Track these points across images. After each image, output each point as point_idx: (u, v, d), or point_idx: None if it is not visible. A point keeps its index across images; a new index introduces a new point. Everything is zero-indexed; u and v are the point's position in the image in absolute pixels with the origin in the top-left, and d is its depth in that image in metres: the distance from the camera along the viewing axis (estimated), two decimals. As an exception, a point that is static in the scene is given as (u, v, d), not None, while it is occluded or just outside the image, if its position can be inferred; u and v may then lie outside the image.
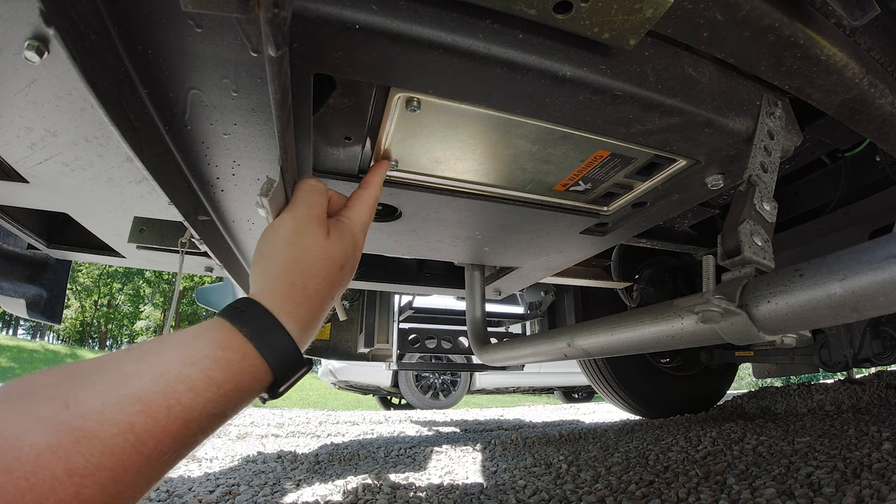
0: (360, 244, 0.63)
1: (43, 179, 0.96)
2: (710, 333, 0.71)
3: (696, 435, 2.08)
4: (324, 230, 0.57)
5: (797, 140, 0.83)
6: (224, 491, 1.65)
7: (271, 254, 0.54)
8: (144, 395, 0.38)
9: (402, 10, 0.53)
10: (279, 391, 0.49)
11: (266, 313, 0.49)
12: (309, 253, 0.54)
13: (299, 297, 0.52)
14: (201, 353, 0.43)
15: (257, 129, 0.72)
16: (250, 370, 0.45)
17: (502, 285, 1.73)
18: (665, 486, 1.42)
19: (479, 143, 0.79)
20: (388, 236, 1.18)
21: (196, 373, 0.41)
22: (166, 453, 0.39)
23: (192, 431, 0.41)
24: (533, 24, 0.57)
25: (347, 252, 0.59)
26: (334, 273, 0.56)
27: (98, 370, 0.40)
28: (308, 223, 0.56)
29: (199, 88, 0.63)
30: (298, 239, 0.54)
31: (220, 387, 0.42)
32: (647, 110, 0.68)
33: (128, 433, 0.37)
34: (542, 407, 6.46)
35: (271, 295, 0.50)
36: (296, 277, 0.52)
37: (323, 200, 0.60)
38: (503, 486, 1.62)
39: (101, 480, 0.35)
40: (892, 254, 0.52)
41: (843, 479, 1.28)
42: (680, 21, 0.61)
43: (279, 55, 0.46)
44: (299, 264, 0.53)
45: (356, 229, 0.62)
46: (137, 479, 0.37)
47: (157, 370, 0.40)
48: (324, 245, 0.55)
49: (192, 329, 0.46)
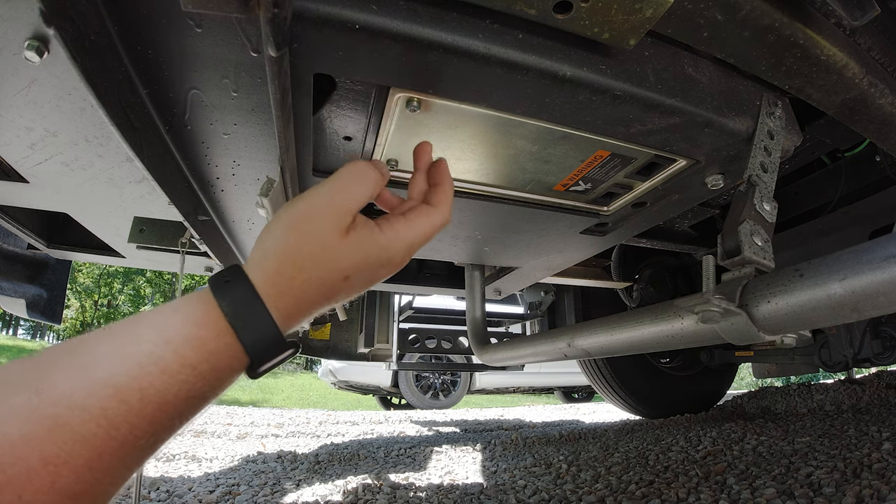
0: (393, 264, 0.52)
1: (43, 179, 0.96)
2: (711, 333, 0.71)
3: (696, 435, 2.08)
4: (342, 226, 0.47)
5: (797, 140, 0.83)
6: (224, 491, 1.65)
7: (273, 228, 0.47)
8: (115, 379, 0.36)
9: (401, 11, 0.53)
10: (257, 372, 0.44)
11: (250, 288, 0.43)
12: (307, 244, 0.46)
13: (284, 287, 0.45)
14: (175, 330, 0.40)
15: (257, 129, 0.72)
16: (225, 350, 0.41)
17: (502, 285, 1.73)
18: (665, 486, 1.42)
19: (479, 143, 0.79)
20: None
21: (169, 353, 0.38)
22: (142, 438, 0.37)
23: (168, 416, 0.38)
24: (533, 24, 0.57)
25: (361, 266, 0.48)
26: (334, 281, 0.47)
27: (70, 352, 0.38)
28: (324, 211, 0.47)
29: (199, 88, 0.63)
30: (303, 224, 0.46)
31: (195, 368, 0.39)
32: (647, 110, 0.68)
33: (100, 419, 0.35)
34: (543, 407, 6.46)
35: (260, 271, 0.45)
36: (285, 265, 0.45)
37: (363, 192, 0.50)
38: (503, 486, 1.62)
39: (77, 468, 0.34)
40: (893, 254, 0.52)
41: (843, 479, 1.28)
42: (680, 21, 0.61)
43: (279, 55, 0.46)
44: (292, 253, 0.45)
45: (395, 247, 0.51)
46: (114, 465, 0.36)
47: (129, 350, 0.38)
48: (330, 245, 0.46)
49: (177, 301, 0.43)
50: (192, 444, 2.81)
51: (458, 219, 1.08)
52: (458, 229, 1.15)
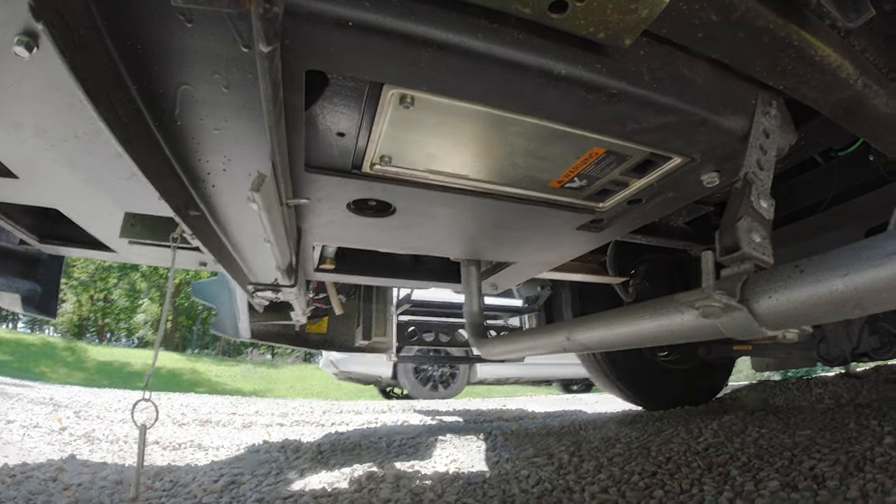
0: None
1: (33, 175, 0.95)
2: (711, 328, 0.71)
3: (696, 427, 2.08)
4: None
5: (792, 139, 0.83)
6: (228, 480, 1.66)
7: None
8: None
9: (395, 8, 0.52)
10: None
11: None
12: None
13: None
14: None
15: (248, 125, 0.71)
16: None
17: (498, 280, 1.73)
18: (668, 477, 1.42)
19: (474, 140, 0.78)
20: (383, 232, 1.18)
21: None
22: None
23: None
24: (528, 22, 0.56)
25: None
26: None
27: None
28: None
29: (190, 84, 0.62)
30: None
31: None
32: (642, 109, 0.68)
33: None
34: (545, 397, 6.49)
35: None
36: None
37: None
38: (506, 476, 1.63)
39: None
40: (894, 250, 0.52)
41: (845, 472, 1.28)
42: (675, 21, 0.61)
43: (271, 51, 0.46)
44: None
45: None
46: None
47: None
48: None
49: None
50: (197, 433, 2.81)
51: (454, 215, 1.08)
52: (454, 225, 1.15)
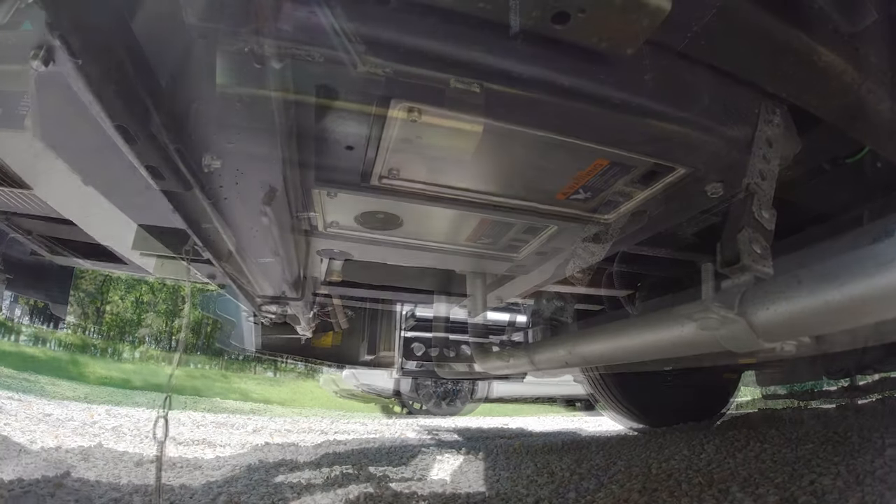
0: None
1: (47, 187, 0.97)
2: (710, 341, 0.71)
3: (699, 443, 2.06)
4: None
5: (796, 147, 0.83)
6: (226, 500, 1.64)
7: None
8: None
9: (402, 24, 0.54)
10: None
11: None
12: None
13: None
14: None
15: (260, 139, 0.73)
16: None
17: (504, 293, 1.73)
18: (668, 495, 1.41)
19: (480, 152, 0.79)
20: (390, 244, 1.19)
21: None
22: None
23: None
24: (531, 34, 0.57)
25: None
26: None
27: None
28: None
29: (203, 98, 0.64)
30: None
31: None
32: (645, 118, 0.68)
33: None
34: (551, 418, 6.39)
35: None
36: None
37: None
38: (505, 495, 1.61)
39: None
40: (891, 259, 0.52)
41: (846, 485, 1.26)
42: (677, 30, 0.62)
43: (282, 67, 0.47)
44: None
45: None
46: None
47: None
48: None
49: None
50: (194, 450, 2.80)
51: (460, 227, 1.08)
52: (461, 238, 1.15)
